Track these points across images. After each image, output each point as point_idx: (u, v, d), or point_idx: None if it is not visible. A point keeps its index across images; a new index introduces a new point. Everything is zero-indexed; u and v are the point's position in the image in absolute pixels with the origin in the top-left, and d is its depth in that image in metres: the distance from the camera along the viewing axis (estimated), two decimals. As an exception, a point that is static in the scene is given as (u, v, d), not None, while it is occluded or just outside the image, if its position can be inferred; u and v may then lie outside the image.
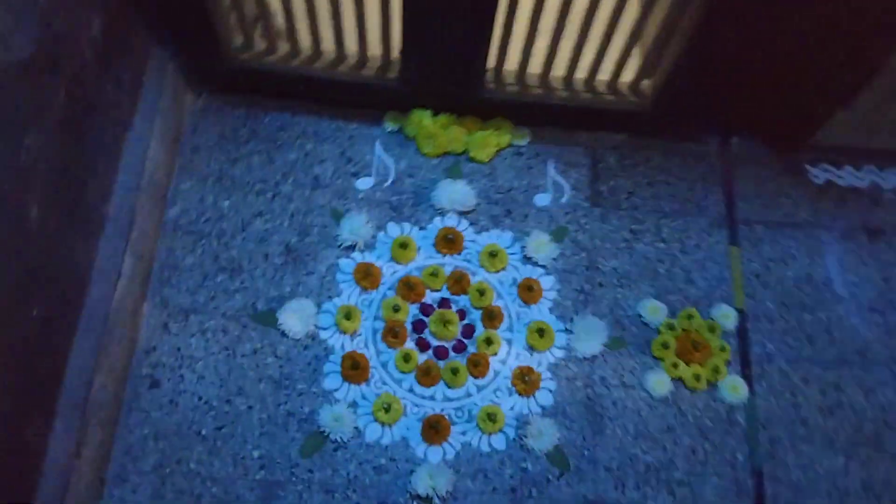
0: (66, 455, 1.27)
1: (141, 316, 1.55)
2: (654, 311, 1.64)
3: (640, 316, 1.64)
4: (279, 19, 1.58)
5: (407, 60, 1.56)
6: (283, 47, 1.64)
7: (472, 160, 1.76)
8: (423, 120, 1.75)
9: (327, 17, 1.52)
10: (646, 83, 1.69)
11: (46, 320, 1.18)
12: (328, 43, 1.62)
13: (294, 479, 1.46)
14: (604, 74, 1.68)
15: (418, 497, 1.46)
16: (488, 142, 1.75)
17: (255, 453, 1.48)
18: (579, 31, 1.54)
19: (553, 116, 1.74)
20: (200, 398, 1.51)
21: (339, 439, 1.49)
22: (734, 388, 1.58)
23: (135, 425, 1.47)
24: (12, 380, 1.11)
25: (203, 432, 1.48)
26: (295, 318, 1.57)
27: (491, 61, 1.61)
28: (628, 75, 1.68)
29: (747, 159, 1.82)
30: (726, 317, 1.65)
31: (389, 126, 1.77)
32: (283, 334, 1.57)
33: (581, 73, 1.68)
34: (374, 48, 1.63)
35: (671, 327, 1.63)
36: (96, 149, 1.33)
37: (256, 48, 1.64)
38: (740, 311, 1.67)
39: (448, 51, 1.53)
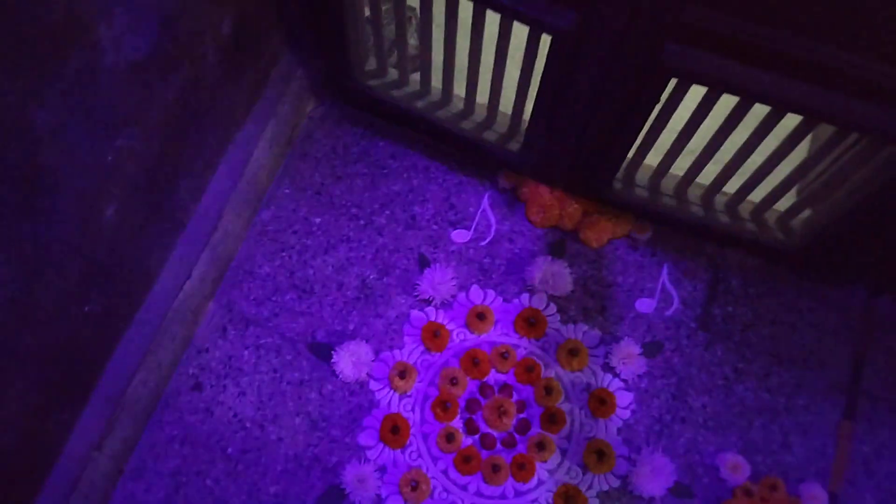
0: (87, 446, 1.26)
1: (203, 314, 1.52)
2: (734, 467, 1.44)
3: (718, 469, 1.45)
4: (414, 53, 1.48)
5: (533, 134, 1.42)
6: (414, 84, 1.54)
7: (580, 241, 1.61)
8: (539, 186, 1.61)
9: (464, 64, 1.40)
10: (797, 221, 1.47)
11: (99, 316, 1.16)
12: (460, 90, 1.51)
13: (301, 529, 1.40)
14: (750, 201, 1.48)
15: (420, 591, 1.35)
16: (604, 227, 1.60)
17: (272, 489, 1.42)
18: (730, 162, 1.35)
19: (682, 228, 1.55)
20: (236, 415, 1.47)
21: (357, 502, 1.41)
22: (802, 585, 1.37)
23: (166, 423, 1.45)
24: (49, 372, 1.09)
25: (229, 451, 1.44)
26: (350, 361, 1.49)
27: (624, 159, 1.45)
28: (780, 206, 1.46)
29: (892, 326, 1.56)
30: (816, 499, 1.43)
31: (504, 183, 1.65)
32: (334, 373, 1.49)
33: (724, 196, 1.49)
34: (506, 108, 1.50)
35: (748, 492, 1.43)
36: (198, 149, 1.29)
37: (389, 77, 1.55)
38: (833, 497, 1.44)
39: (578, 141, 1.38)
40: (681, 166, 1.46)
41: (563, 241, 1.62)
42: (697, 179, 1.47)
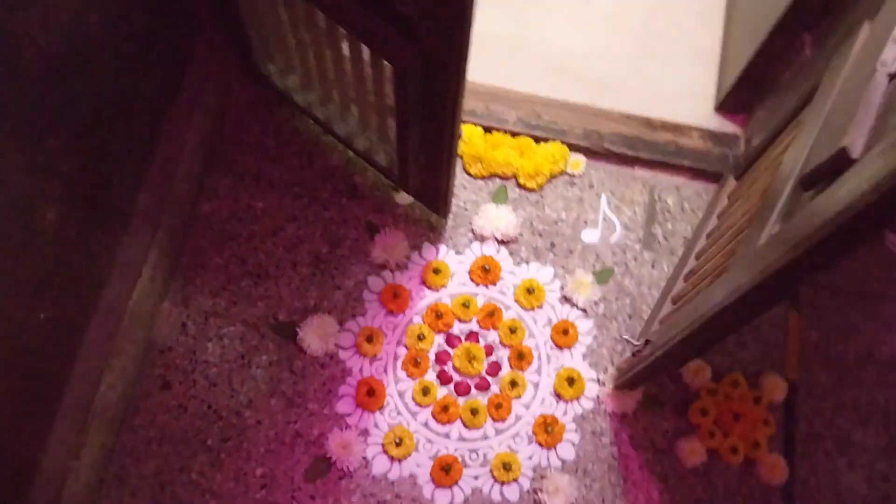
0: (65, 457, 1.24)
1: (160, 314, 1.51)
2: (696, 371, 1.52)
3: (681, 375, 1.53)
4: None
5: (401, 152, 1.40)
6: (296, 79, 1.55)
7: (520, 186, 1.66)
8: (473, 137, 1.65)
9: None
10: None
11: (56, 322, 1.14)
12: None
13: (294, 502, 1.41)
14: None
15: (420, 540, 1.39)
16: (540, 169, 1.65)
17: (259, 471, 1.43)
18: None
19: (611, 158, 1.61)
20: (210, 406, 1.47)
21: (345, 468, 1.43)
22: (774, 466, 1.46)
23: (140, 427, 1.44)
24: (15, 384, 1.07)
25: (209, 442, 1.44)
26: (315, 335, 1.51)
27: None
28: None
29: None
30: (776, 388, 1.52)
31: (437, 140, 1.68)
32: (301, 350, 1.51)
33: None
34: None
35: (713, 392, 1.51)
36: (127, 145, 1.28)
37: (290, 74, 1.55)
38: (791, 384, 1.54)
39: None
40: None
41: (504, 187, 1.66)
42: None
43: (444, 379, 1.51)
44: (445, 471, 1.43)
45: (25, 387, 1.10)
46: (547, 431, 1.47)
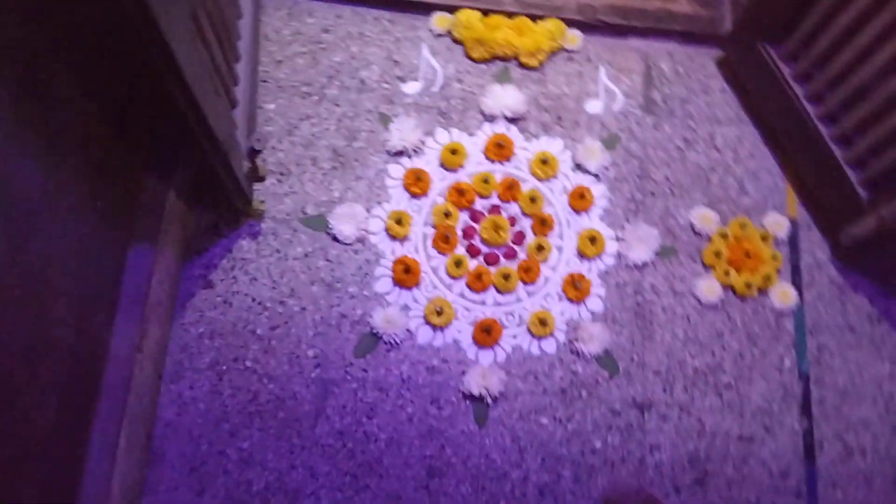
0: (130, 348, 1.29)
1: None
2: (705, 219, 1.62)
3: (692, 225, 1.63)
4: None
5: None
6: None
7: (522, 65, 1.71)
8: (472, 22, 1.69)
9: None
10: None
11: (109, 216, 1.18)
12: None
13: (349, 377, 1.48)
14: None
15: (471, 396, 1.48)
16: (539, 47, 1.70)
17: (310, 352, 1.49)
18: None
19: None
20: (254, 299, 1.52)
21: (392, 341, 1.50)
22: (784, 295, 1.58)
23: (190, 324, 1.48)
24: (79, 271, 1.11)
25: (258, 332, 1.50)
26: (345, 223, 1.56)
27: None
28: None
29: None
30: (779, 226, 1.64)
31: (437, 29, 1.72)
32: (335, 238, 1.56)
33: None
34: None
35: (723, 235, 1.61)
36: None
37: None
38: (793, 221, 1.66)
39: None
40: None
41: (507, 68, 1.71)
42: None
43: (473, 252, 1.58)
44: (486, 333, 1.51)
45: (88, 274, 1.14)
46: (576, 288, 1.56)
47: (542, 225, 1.60)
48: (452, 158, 1.62)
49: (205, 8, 1.14)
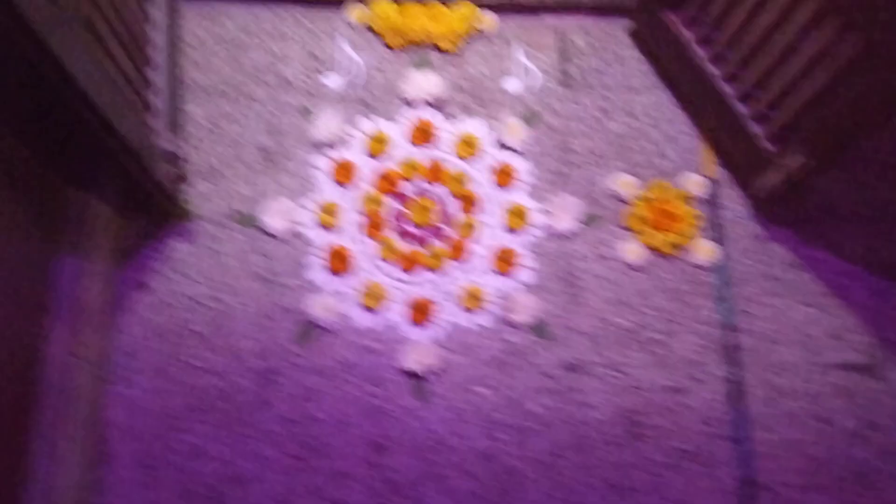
0: (66, 354, 1.32)
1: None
2: (627, 185, 1.68)
3: (615, 191, 1.68)
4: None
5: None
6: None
7: (440, 50, 1.76)
8: (386, 12, 1.74)
9: None
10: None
11: (31, 230, 1.21)
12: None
13: (289, 365, 1.52)
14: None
15: (410, 373, 1.53)
16: (455, 31, 1.75)
17: (250, 344, 1.54)
18: None
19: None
20: (191, 298, 1.55)
21: (329, 327, 1.55)
22: (706, 251, 1.64)
23: (130, 327, 1.52)
24: (4, 284, 1.14)
25: (198, 329, 1.54)
26: (276, 217, 1.60)
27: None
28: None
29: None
30: (697, 185, 1.69)
31: (354, 21, 1.76)
32: (266, 233, 1.60)
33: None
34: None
35: (645, 199, 1.67)
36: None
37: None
38: (712, 180, 1.71)
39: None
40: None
41: (425, 54, 1.76)
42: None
43: (403, 235, 1.63)
44: (421, 311, 1.56)
45: (22, 282, 1.18)
46: (505, 261, 1.61)
47: (469, 204, 1.65)
48: (378, 147, 1.67)
49: (102, 15, 1.17)
